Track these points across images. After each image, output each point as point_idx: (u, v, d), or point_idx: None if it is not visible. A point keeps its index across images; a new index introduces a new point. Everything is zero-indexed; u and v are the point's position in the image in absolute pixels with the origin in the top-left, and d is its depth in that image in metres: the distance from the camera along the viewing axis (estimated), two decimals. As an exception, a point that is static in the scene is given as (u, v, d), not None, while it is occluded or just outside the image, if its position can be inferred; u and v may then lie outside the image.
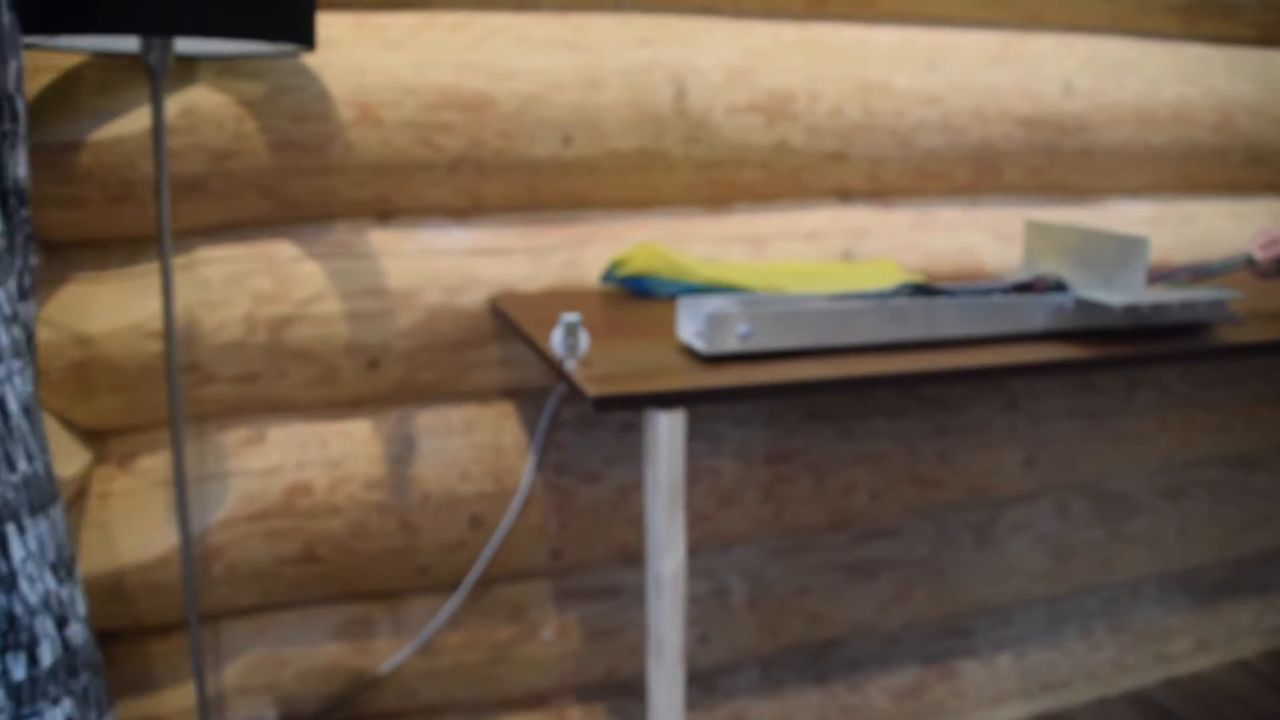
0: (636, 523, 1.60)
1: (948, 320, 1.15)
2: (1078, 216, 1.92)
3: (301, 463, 1.38)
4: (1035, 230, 1.41)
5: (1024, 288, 1.28)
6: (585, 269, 1.54)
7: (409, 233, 1.43)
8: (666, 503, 0.87)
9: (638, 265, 1.43)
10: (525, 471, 1.49)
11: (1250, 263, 1.42)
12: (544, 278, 1.50)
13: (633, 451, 1.57)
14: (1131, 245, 1.21)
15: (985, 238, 1.86)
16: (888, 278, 1.55)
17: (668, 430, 0.88)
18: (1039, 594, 2.07)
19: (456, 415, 1.47)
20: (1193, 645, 2.31)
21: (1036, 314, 1.20)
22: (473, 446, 1.47)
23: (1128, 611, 2.20)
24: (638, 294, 1.46)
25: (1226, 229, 2.11)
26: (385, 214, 1.42)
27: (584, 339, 0.98)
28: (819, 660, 1.84)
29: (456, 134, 1.40)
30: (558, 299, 1.44)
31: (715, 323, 1.04)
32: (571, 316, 0.97)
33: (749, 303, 1.14)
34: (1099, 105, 1.85)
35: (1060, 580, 2.09)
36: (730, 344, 1.05)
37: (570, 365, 0.97)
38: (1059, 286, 1.27)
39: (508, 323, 1.32)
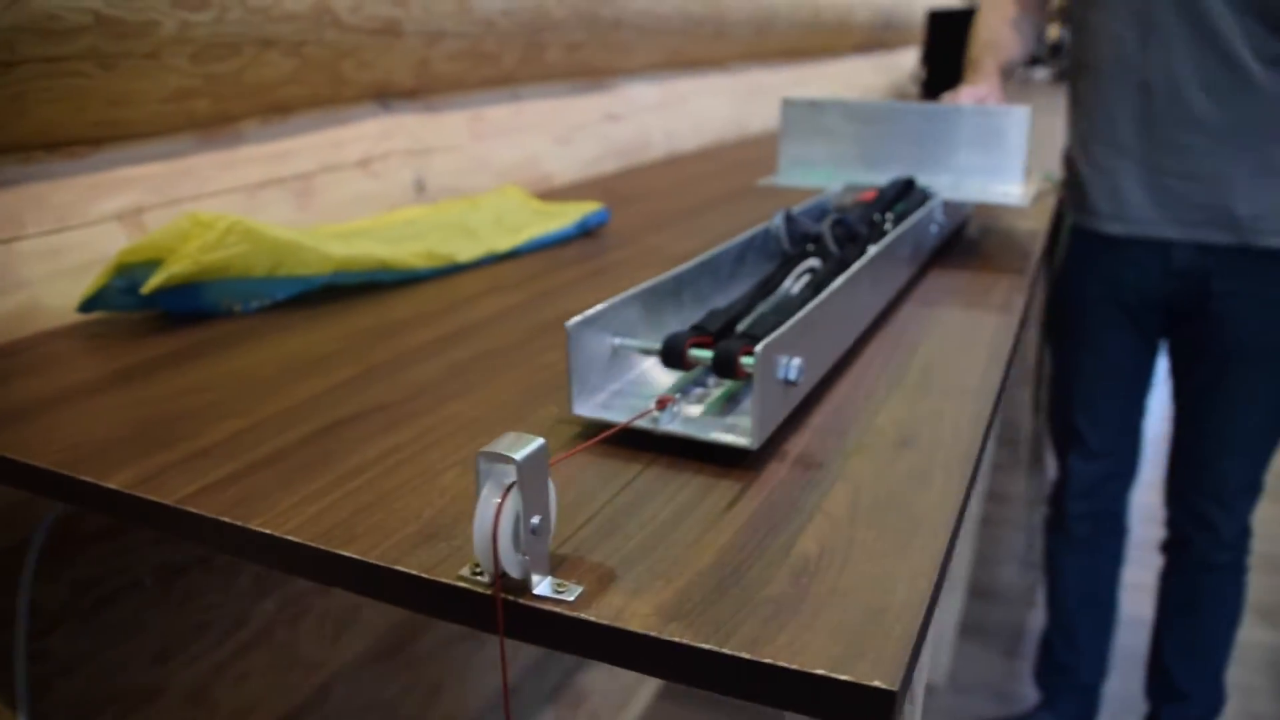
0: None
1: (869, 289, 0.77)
2: (604, 105, 1.72)
3: None
4: (805, 111, 1.11)
5: (893, 197, 0.97)
6: (34, 288, 0.80)
7: None
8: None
9: (195, 260, 0.77)
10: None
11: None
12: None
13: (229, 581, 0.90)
14: (1005, 120, 1.02)
15: (545, 142, 1.53)
16: (538, 213, 1.14)
17: None
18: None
19: None
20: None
21: (907, 246, 0.89)
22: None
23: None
24: (185, 314, 0.81)
25: (711, 106, 2.12)
26: None
27: None
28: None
29: None
30: None
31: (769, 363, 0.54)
32: None
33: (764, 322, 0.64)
34: None
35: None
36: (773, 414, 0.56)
37: None
38: (910, 190, 1.01)
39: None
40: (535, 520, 0.40)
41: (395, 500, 0.50)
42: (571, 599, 0.41)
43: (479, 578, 0.42)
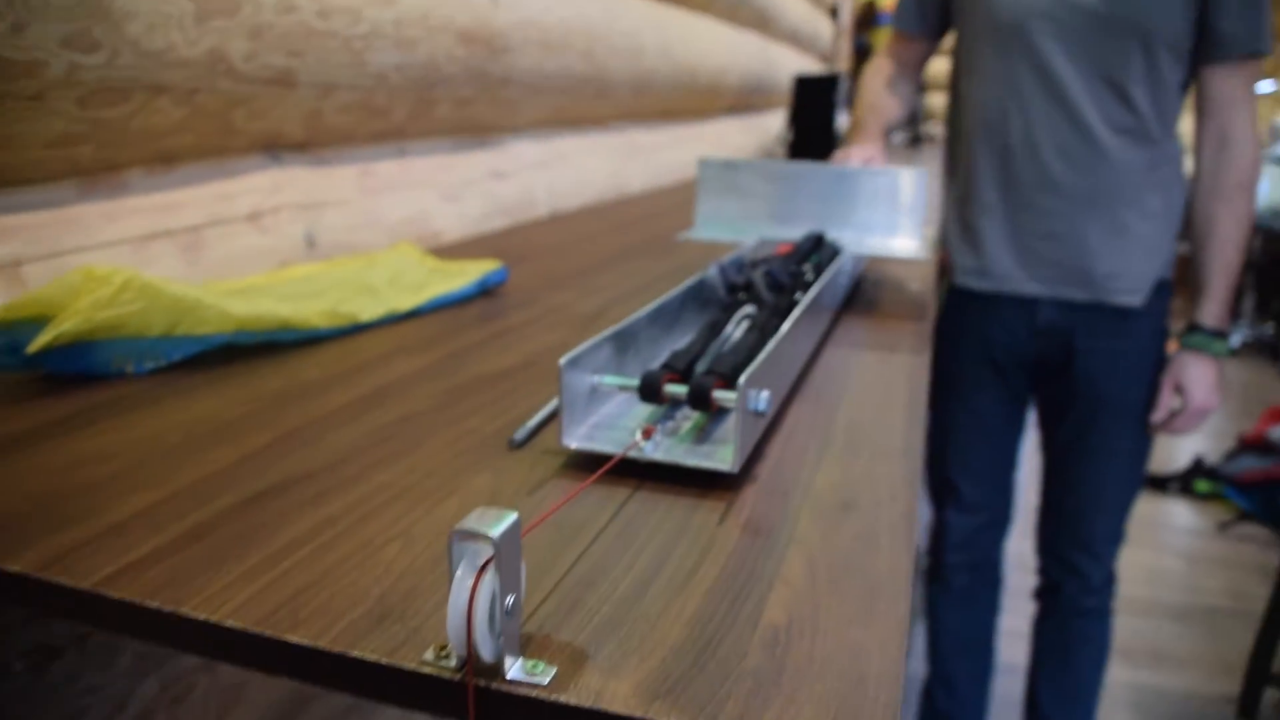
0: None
1: (803, 331, 0.84)
2: (490, 162, 1.71)
3: None
4: (720, 170, 1.18)
5: (808, 250, 1.03)
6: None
7: None
8: None
9: (88, 317, 0.72)
10: None
11: None
12: None
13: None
14: (902, 181, 1.12)
15: (433, 198, 1.51)
16: (436, 272, 1.11)
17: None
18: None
19: None
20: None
21: (827, 294, 0.95)
22: None
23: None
24: (72, 376, 0.75)
25: (592, 165, 2.14)
26: None
27: None
28: None
29: None
30: None
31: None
32: None
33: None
34: (517, 21, 1.61)
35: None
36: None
37: None
38: (821, 244, 1.07)
39: None
40: (510, 600, 0.39)
41: (338, 579, 0.48)
42: (546, 681, 0.40)
43: (445, 661, 0.41)
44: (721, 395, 0.64)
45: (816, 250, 1.05)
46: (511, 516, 0.39)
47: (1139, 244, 1.42)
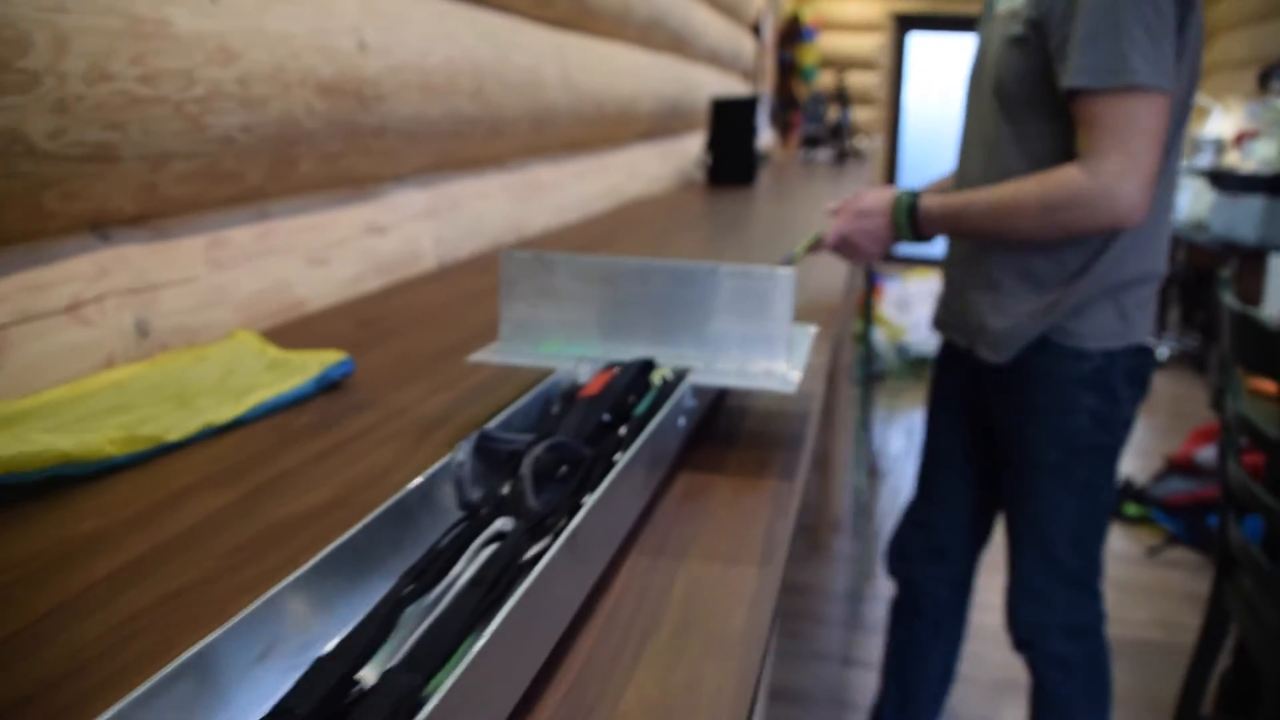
0: None
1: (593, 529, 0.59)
2: (367, 216, 1.63)
3: None
4: (531, 267, 0.91)
5: (626, 387, 0.78)
6: None
7: None
8: None
9: None
10: None
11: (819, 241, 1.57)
12: None
13: None
14: (768, 283, 0.87)
15: (296, 265, 1.42)
16: (273, 367, 1.03)
17: None
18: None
19: None
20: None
21: (640, 468, 0.71)
22: None
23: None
24: None
25: (486, 208, 2.06)
26: None
27: None
28: None
29: None
30: None
31: None
32: None
33: None
34: (391, 67, 1.53)
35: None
36: None
37: None
38: (649, 369, 0.84)
39: None
40: None
41: None
42: None
43: None
44: None
45: (639, 386, 0.82)
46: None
47: (1011, 302, 1.46)
